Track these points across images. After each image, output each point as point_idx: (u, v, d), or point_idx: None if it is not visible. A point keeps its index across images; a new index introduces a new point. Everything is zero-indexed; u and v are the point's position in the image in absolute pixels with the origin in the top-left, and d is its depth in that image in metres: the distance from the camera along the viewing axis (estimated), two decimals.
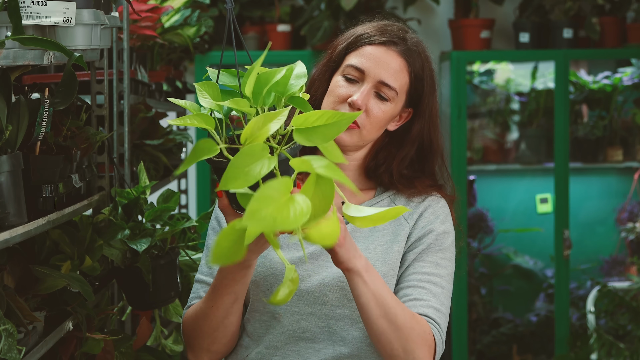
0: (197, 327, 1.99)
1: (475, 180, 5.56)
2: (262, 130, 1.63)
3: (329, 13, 5.17)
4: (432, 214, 2.07)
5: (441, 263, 2.03)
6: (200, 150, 1.65)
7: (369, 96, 2.01)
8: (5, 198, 1.88)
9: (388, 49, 2.04)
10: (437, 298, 1.99)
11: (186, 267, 2.84)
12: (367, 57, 2.03)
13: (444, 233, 2.06)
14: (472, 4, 5.37)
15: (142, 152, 3.26)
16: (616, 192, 5.65)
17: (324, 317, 2.01)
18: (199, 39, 4.26)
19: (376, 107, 2.02)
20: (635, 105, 5.45)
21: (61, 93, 2.09)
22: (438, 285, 2.00)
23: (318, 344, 2.02)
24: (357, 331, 2.01)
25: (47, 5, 1.95)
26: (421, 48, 2.08)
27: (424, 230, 2.05)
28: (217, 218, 2.10)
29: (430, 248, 2.04)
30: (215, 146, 1.66)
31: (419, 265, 2.02)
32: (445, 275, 2.03)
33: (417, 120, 2.09)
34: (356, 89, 2.02)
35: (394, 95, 2.03)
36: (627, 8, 5.36)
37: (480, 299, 5.50)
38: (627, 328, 5.03)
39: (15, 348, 1.88)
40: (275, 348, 2.03)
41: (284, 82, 1.75)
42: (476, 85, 5.59)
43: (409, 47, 2.05)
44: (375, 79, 2.02)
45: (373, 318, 1.88)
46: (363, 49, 2.05)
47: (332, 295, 2.01)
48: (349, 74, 2.04)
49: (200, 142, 1.66)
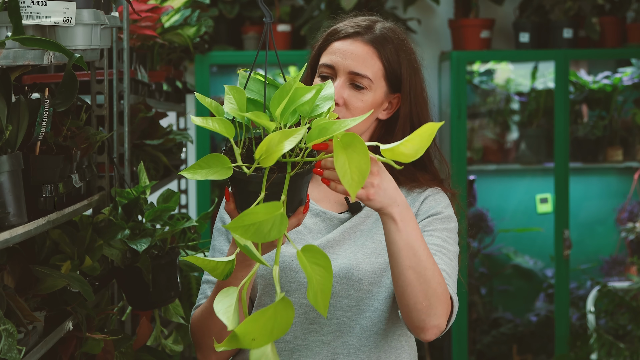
0: (203, 326, 2.00)
1: (475, 180, 5.56)
2: (277, 147, 1.64)
3: (329, 13, 5.17)
4: (434, 200, 2.10)
5: (448, 241, 2.05)
6: (214, 165, 1.69)
7: (343, 89, 2.05)
8: (5, 198, 1.89)
9: (354, 40, 2.09)
10: (448, 266, 2.00)
11: (186, 267, 2.84)
12: (335, 53, 2.08)
13: (448, 216, 2.08)
14: (472, 4, 5.37)
15: (142, 152, 3.26)
16: (616, 192, 5.65)
17: (332, 309, 2.03)
18: (199, 39, 4.26)
19: (354, 97, 2.06)
20: (635, 105, 5.45)
21: (62, 94, 2.09)
22: (447, 257, 2.02)
23: (326, 336, 2.03)
24: (365, 320, 2.03)
25: (47, 5, 1.95)
26: (392, 33, 2.11)
27: (427, 213, 2.08)
28: (223, 219, 2.12)
29: (436, 226, 2.06)
30: (229, 164, 1.69)
31: (428, 239, 2.03)
32: (453, 251, 2.05)
33: (403, 104, 2.12)
34: None
35: (369, 83, 2.06)
36: (627, 8, 5.36)
37: (480, 299, 5.50)
38: (627, 328, 5.03)
39: (15, 348, 1.88)
40: (284, 342, 2.04)
41: (310, 102, 1.76)
42: (476, 85, 5.59)
43: (377, 34, 2.09)
44: (346, 71, 2.06)
45: (402, 267, 1.87)
46: (331, 45, 2.10)
47: (339, 286, 2.03)
48: (323, 72, 2.09)
49: (214, 157, 1.69)
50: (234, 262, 1.72)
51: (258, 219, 1.60)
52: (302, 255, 1.61)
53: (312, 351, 2.03)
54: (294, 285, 2.04)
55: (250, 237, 1.60)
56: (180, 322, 2.83)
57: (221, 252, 2.08)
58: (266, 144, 1.65)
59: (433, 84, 5.61)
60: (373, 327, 2.05)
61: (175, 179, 4.05)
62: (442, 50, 5.53)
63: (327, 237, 2.07)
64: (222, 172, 1.68)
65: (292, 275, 2.04)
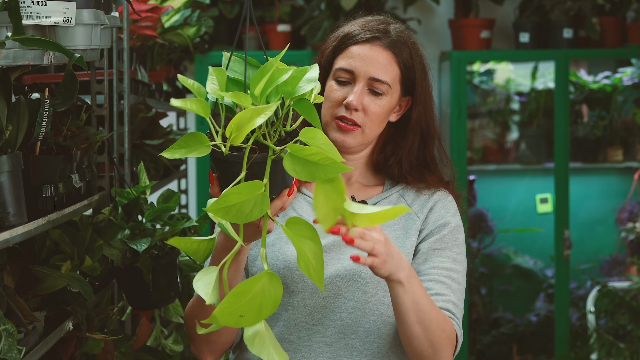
0: (194, 316, 2.01)
1: (475, 180, 5.57)
2: (248, 124, 1.64)
3: (329, 13, 5.17)
4: (443, 207, 2.11)
5: (457, 258, 2.07)
6: (193, 144, 1.68)
7: (362, 95, 2.05)
8: (5, 198, 1.88)
9: (373, 45, 2.08)
10: (455, 294, 2.03)
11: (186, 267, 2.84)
12: (354, 57, 2.07)
13: (457, 227, 2.09)
14: (472, 4, 5.37)
15: (142, 152, 3.26)
16: (616, 192, 5.65)
17: (337, 310, 2.03)
18: (199, 39, 4.26)
19: (372, 103, 2.05)
20: (635, 105, 5.45)
21: (62, 94, 2.09)
22: (455, 281, 2.04)
23: (329, 338, 2.03)
24: (369, 324, 2.04)
25: (47, 5, 1.95)
26: (406, 36, 2.11)
27: (437, 223, 2.08)
28: None
29: (446, 242, 2.07)
30: (207, 142, 1.68)
31: (438, 260, 2.05)
32: (461, 270, 2.07)
33: (414, 107, 2.13)
34: (349, 89, 2.06)
35: (387, 89, 2.06)
36: (627, 8, 5.36)
37: (480, 299, 5.50)
38: (627, 328, 5.03)
39: (15, 348, 1.88)
40: (288, 342, 2.04)
41: (293, 82, 1.75)
42: (476, 85, 5.59)
43: (393, 38, 2.09)
44: (366, 77, 2.05)
45: (409, 324, 1.92)
46: (349, 49, 2.09)
47: (345, 288, 2.03)
48: (340, 77, 2.08)
49: (192, 135, 1.68)
50: (214, 241, 1.71)
51: (239, 200, 1.60)
52: (288, 229, 1.63)
53: (314, 352, 2.03)
54: (300, 286, 2.04)
55: (232, 219, 1.61)
56: (180, 322, 2.82)
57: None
58: (236, 121, 1.65)
59: (433, 84, 5.60)
60: (377, 332, 2.05)
61: (175, 179, 4.05)
62: (442, 50, 5.53)
63: (334, 236, 2.06)
64: (200, 150, 1.68)
65: (298, 275, 2.04)
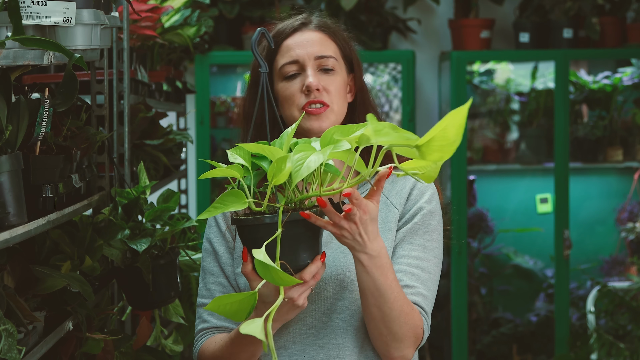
0: None
1: (475, 180, 5.56)
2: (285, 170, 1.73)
3: (328, 13, 5.18)
4: (419, 194, 2.09)
5: (428, 245, 2.05)
6: (229, 200, 1.76)
7: (317, 75, 2.06)
8: (5, 198, 1.88)
9: (303, 31, 2.11)
10: (425, 284, 2.02)
11: (186, 267, 2.84)
12: (292, 48, 2.09)
13: (429, 213, 2.07)
14: (472, 4, 5.37)
15: (142, 152, 3.26)
16: (616, 192, 5.65)
17: (327, 312, 2.03)
18: (199, 39, 4.26)
19: (329, 80, 2.07)
20: (635, 105, 5.45)
21: (62, 94, 2.09)
22: (425, 271, 2.03)
23: (322, 340, 2.04)
24: (359, 322, 2.04)
25: (47, 5, 1.95)
26: (327, 20, 2.16)
27: (411, 209, 2.07)
28: (209, 239, 2.12)
29: (417, 229, 2.05)
30: (244, 198, 1.75)
31: (408, 248, 2.04)
32: (432, 258, 2.05)
33: (356, 84, 2.15)
34: (302, 78, 2.07)
35: (334, 63, 2.09)
36: (627, 8, 5.36)
37: (480, 299, 5.50)
38: (627, 328, 5.03)
39: (15, 348, 1.88)
40: (283, 348, 2.05)
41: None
42: (476, 85, 5.58)
43: (317, 22, 2.13)
44: (311, 58, 2.07)
45: (366, 303, 1.93)
46: (283, 45, 2.10)
47: (332, 289, 2.03)
48: (287, 72, 2.08)
49: (229, 192, 1.76)
50: (255, 295, 1.75)
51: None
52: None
53: (308, 355, 2.04)
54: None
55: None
56: (180, 322, 2.83)
57: (212, 274, 2.09)
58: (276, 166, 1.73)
59: (433, 84, 5.61)
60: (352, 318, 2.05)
61: (175, 179, 4.05)
62: (442, 50, 5.53)
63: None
64: (237, 206, 1.76)
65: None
